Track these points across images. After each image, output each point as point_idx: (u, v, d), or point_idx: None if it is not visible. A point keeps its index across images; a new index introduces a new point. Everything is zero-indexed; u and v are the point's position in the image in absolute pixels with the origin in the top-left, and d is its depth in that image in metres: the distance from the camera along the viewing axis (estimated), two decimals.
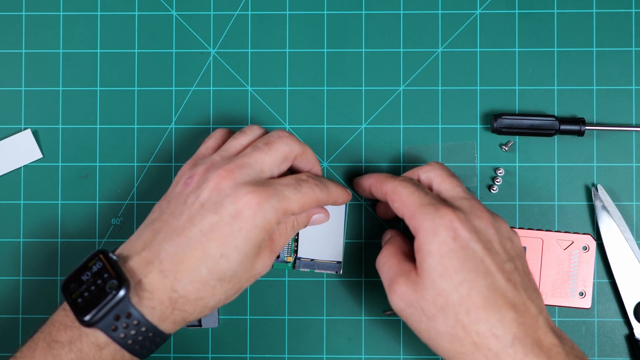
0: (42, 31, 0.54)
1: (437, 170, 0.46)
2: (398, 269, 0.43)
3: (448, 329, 0.40)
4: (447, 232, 0.41)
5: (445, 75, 0.54)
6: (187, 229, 0.41)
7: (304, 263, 0.52)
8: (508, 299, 0.40)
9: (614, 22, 0.54)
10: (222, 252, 0.41)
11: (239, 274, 0.42)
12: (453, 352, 0.41)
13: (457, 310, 0.40)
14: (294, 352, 0.53)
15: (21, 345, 0.42)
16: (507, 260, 0.42)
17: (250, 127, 0.47)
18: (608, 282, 0.53)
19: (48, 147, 0.54)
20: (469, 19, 0.54)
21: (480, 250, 0.41)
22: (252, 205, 0.41)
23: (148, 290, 0.40)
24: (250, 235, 0.41)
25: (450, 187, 0.45)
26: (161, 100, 0.54)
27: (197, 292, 0.41)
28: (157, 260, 0.41)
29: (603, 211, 0.52)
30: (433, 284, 0.40)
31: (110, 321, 0.39)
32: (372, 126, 0.54)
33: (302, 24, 0.54)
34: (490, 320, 0.39)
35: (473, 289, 0.40)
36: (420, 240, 0.42)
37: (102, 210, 0.54)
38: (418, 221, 0.42)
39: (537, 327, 0.40)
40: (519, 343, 0.39)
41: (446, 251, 0.40)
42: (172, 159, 0.54)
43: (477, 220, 0.42)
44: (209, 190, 0.42)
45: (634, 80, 0.54)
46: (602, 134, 0.53)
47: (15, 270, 0.53)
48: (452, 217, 0.41)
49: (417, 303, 0.41)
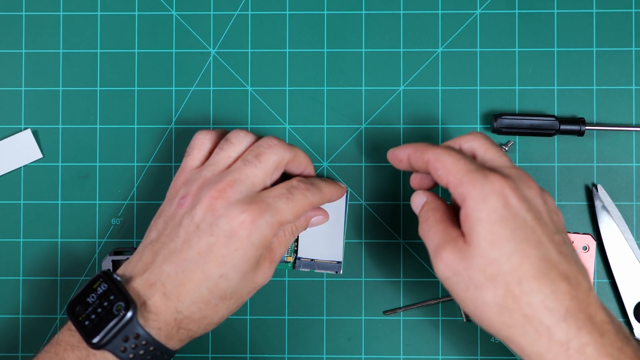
0: (42, 31, 0.54)
1: (480, 139, 0.44)
2: (445, 236, 0.41)
3: (497, 299, 0.38)
4: (498, 199, 0.39)
5: (445, 75, 0.54)
6: (185, 251, 0.42)
7: (304, 263, 0.52)
8: (561, 271, 0.39)
9: (614, 22, 0.54)
10: (220, 272, 0.41)
11: (239, 290, 0.43)
12: (500, 325, 0.39)
13: (508, 281, 0.38)
14: (294, 352, 0.53)
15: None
16: (556, 232, 0.40)
17: (235, 134, 0.46)
18: (608, 282, 0.53)
19: (48, 147, 0.54)
20: (469, 19, 0.54)
21: (531, 219, 0.39)
22: (246, 224, 0.41)
23: (153, 312, 0.41)
24: (247, 253, 0.42)
25: (497, 157, 0.43)
26: (161, 100, 0.54)
27: (201, 312, 0.42)
28: (159, 283, 0.41)
29: (603, 211, 0.52)
30: (483, 252, 0.38)
31: (118, 343, 0.40)
32: (372, 126, 0.54)
33: (302, 24, 0.54)
34: (544, 292, 0.38)
35: (525, 259, 0.38)
36: (468, 207, 0.39)
37: (102, 210, 0.54)
38: (466, 188, 0.40)
39: (589, 301, 0.39)
40: (572, 317, 0.38)
41: (497, 219, 0.39)
42: (172, 159, 0.54)
43: (527, 190, 0.40)
44: (203, 211, 0.42)
45: (634, 80, 0.53)
46: (602, 134, 0.53)
47: (15, 270, 0.53)
48: (502, 183, 0.39)
49: (465, 271, 0.39)
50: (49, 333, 0.53)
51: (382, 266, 0.53)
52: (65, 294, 0.53)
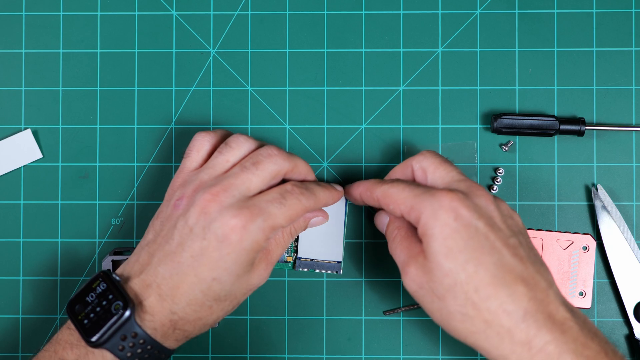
0: (42, 31, 0.54)
1: (429, 158, 0.46)
2: (409, 252, 0.43)
3: (458, 308, 0.40)
4: (448, 213, 0.41)
5: (445, 75, 0.54)
6: (179, 254, 0.42)
7: (304, 263, 0.52)
8: (517, 274, 0.40)
9: (614, 22, 0.54)
10: (213, 276, 0.42)
11: (233, 292, 0.44)
12: (465, 332, 0.40)
13: (465, 289, 0.40)
14: (294, 352, 0.53)
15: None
16: (510, 236, 0.42)
17: (236, 138, 0.46)
18: (608, 282, 0.53)
19: (48, 147, 0.54)
20: (469, 19, 0.54)
21: (483, 226, 0.41)
22: (237, 229, 0.41)
23: (149, 313, 0.42)
24: (239, 257, 0.42)
25: (445, 173, 0.45)
26: (161, 100, 0.54)
27: (195, 313, 0.43)
28: (155, 284, 0.42)
29: (603, 211, 0.52)
30: (439, 265, 0.40)
31: (117, 341, 0.40)
32: (372, 126, 0.54)
33: (302, 24, 0.54)
34: (500, 297, 0.39)
35: (479, 266, 0.40)
36: (422, 226, 0.42)
37: (102, 210, 0.54)
38: (417, 210, 0.42)
39: (548, 300, 0.40)
40: (531, 318, 0.39)
41: (449, 232, 0.40)
42: (172, 159, 0.54)
43: (476, 198, 0.42)
44: (196, 214, 0.42)
45: (634, 80, 0.53)
46: (602, 134, 0.53)
47: (15, 270, 0.53)
48: (450, 197, 0.41)
49: (427, 284, 0.41)
50: (49, 333, 0.53)
51: (382, 266, 0.53)
52: (65, 294, 0.53)
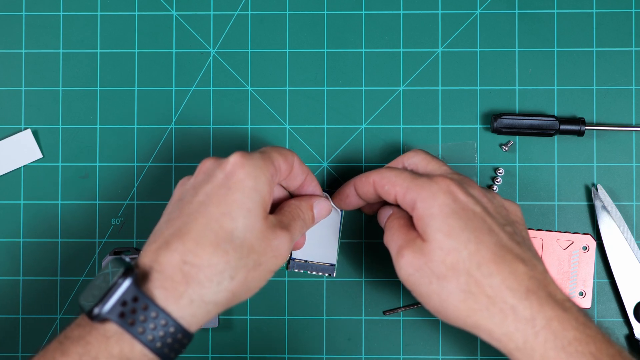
0: (42, 31, 0.54)
1: (420, 155, 0.47)
2: (405, 237, 0.43)
3: (461, 286, 0.40)
4: (446, 195, 0.41)
5: (445, 75, 0.54)
6: (186, 207, 0.41)
7: (297, 264, 0.52)
8: (516, 254, 0.41)
9: (614, 22, 0.54)
10: (222, 210, 0.40)
11: (248, 238, 0.41)
12: (467, 311, 0.40)
13: (468, 267, 0.40)
14: (294, 352, 0.53)
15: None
16: (506, 224, 0.43)
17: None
18: (608, 282, 0.53)
19: (48, 147, 0.54)
20: (469, 19, 0.54)
21: (480, 211, 0.42)
22: (241, 163, 0.41)
23: (158, 270, 0.39)
24: (246, 185, 0.41)
25: (437, 167, 0.45)
26: (161, 100, 0.54)
27: (209, 258, 0.40)
28: (164, 244, 0.40)
29: (603, 211, 0.52)
30: (440, 244, 0.40)
31: (118, 310, 0.38)
32: (372, 126, 0.54)
33: (302, 24, 0.54)
34: (503, 273, 0.40)
35: (481, 245, 0.40)
36: (420, 208, 0.42)
37: (102, 210, 0.54)
38: (414, 192, 0.42)
39: (547, 282, 0.40)
40: (534, 294, 0.39)
41: (448, 212, 0.41)
42: (172, 159, 0.54)
43: (471, 189, 0.43)
44: (199, 173, 0.43)
45: (634, 80, 0.53)
46: (602, 134, 0.53)
47: (15, 270, 0.53)
48: (447, 182, 0.42)
49: (426, 265, 0.41)
50: (49, 333, 0.53)
51: (382, 266, 0.53)
52: (65, 294, 0.53)
